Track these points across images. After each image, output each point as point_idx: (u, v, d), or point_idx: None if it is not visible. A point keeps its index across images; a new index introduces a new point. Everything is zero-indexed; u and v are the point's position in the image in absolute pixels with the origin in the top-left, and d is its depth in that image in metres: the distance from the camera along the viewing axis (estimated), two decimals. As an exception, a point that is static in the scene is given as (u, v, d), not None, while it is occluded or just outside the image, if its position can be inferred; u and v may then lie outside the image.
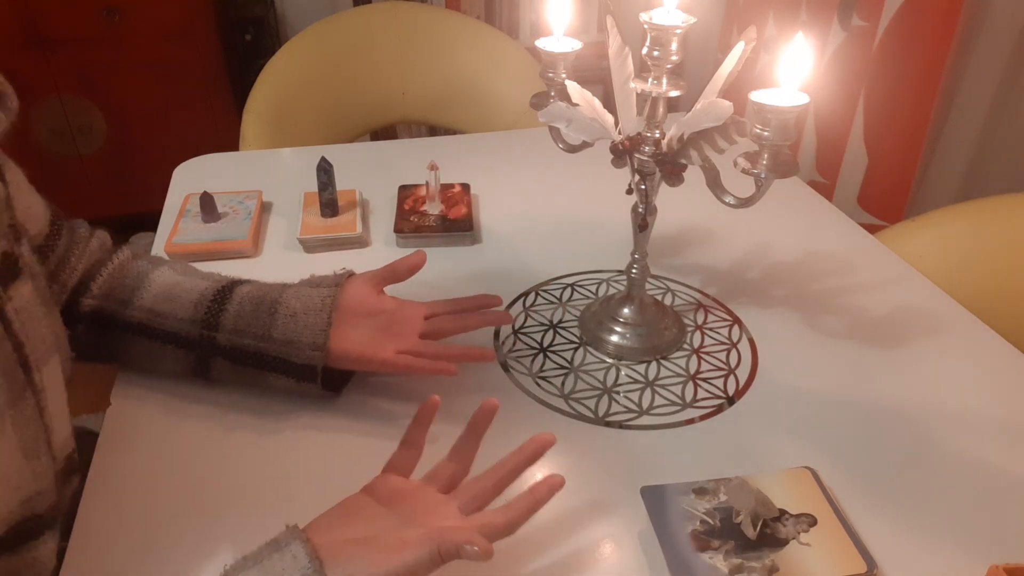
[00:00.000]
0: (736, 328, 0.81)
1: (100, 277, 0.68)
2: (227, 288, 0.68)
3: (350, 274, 0.71)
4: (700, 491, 0.59)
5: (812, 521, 0.57)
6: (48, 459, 0.52)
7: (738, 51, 0.62)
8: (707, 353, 0.78)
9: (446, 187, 1.02)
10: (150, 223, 1.03)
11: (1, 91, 0.48)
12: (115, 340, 0.68)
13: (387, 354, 0.67)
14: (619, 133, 0.68)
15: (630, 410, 0.70)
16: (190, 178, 1.08)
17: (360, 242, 0.94)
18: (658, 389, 0.73)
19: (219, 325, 0.66)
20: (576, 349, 0.78)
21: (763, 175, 0.62)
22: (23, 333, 0.49)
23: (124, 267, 0.70)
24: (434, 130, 1.65)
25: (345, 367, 0.68)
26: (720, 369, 0.76)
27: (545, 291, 0.86)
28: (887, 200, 1.64)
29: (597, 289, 0.87)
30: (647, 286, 0.80)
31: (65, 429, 0.55)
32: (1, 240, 0.49)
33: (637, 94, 0.66)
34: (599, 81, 1.93)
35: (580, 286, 0.87)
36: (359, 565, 0.46)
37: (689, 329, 0.81)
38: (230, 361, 0.66)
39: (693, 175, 0.68)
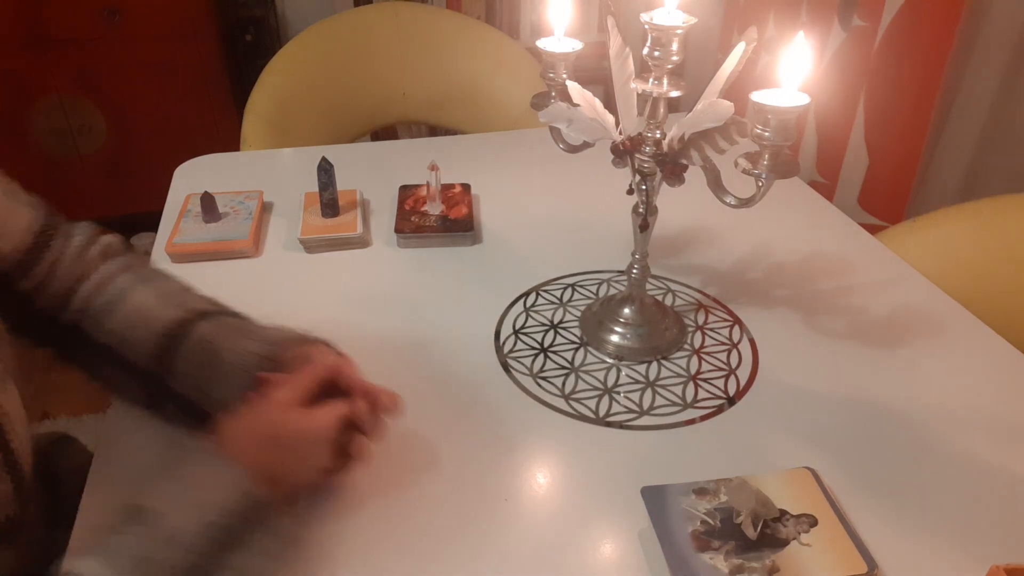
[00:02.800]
0: (736, 328, 0.81)
1: (82, 290, 0.64)
2: (186, 324, 0.62)
3: (305, 339, 0.63)
4: (700, 491, 0.59)
5: (812, 521, 0.57)
6: (7, 479, 0.52)
7: (739, 51, 0.62)
8: (708, 353, 0.78)
9: (447, 187, 1.02)
10: (150, 223, 1.03)
11: None
12: (90, 359, 0.65)
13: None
14: (620, 133, 0.68)
15: (631, 410, 0.70)
16: (191, 178, 1.08)
17: (361, 242, 0.94)
18: (659, 389, 0.73)
19: (172, 367, 0.61)
20: (577, 349, 0.78)
21: (764, 175, 0.62)
22: None
23: (107, 282, 0.65)
24: (434, 130, 1.65)
25: None
26: (720, 369, 0.76)
27: (545, 291, 0.86)
28: (887, 200, 1.64)
29: (598, 289, 0.87)
30: (648, 286, 0.80)
31: (27, 448, 0.55)
32: None
33: (638, 94, 0.66)
34: (600, 81, 1.93)
35: (581, 286, 0.87)
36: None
37: (690, 329, 0.81)
38: (180, 409, 0.62)
39: (694, 175, 0.68)
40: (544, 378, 0.74)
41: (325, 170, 0.93)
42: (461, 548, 0.57)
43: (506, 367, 0.75)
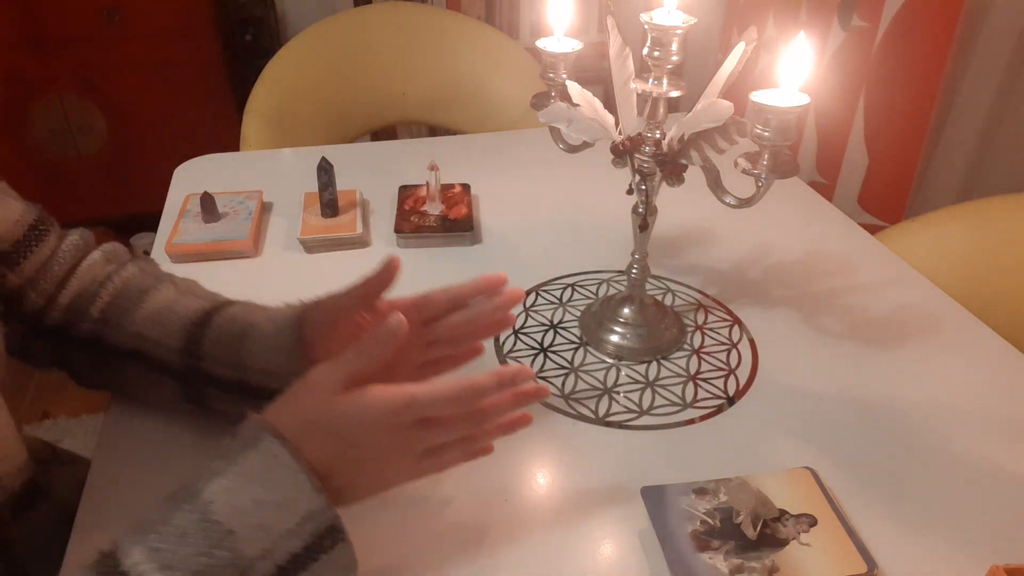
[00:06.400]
0: (736, 328, 0.81)
1: (100, 299, 0.62)
2: (212, 311, 0.60)
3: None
4: (700, 491, 0.59)
5: (812, 521, 0.57)
6: None
7: (738, 51, 0.62)
8: (707, 353, 0.78)
9: (446, 187, 1.02)
10: (150, 223, 1.03)
11: None
12: (110, 367, 0.62)
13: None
14: (619, 133, 0.68)
15: (630, 410, 0.70)
16: (191, 178, 1.08)
17: (360, 242, 0.94)
18: (658, 389, 0.73)
19: (201, 352, 0.58)
20: (576, 349, 0.78)
21: (763, 175, 0.62)
22: None
23: (126, 286, 0.63)
24: (434, 130, 1.65)
25: None
26: (720, 369, 0.76)
27: (545, 291, 0.86)
28: (887, 200, 1.64)
29: (597, 289, 0.87)
30: (647, 286, 0.80)
31: (10, 449, 0.54)
32: None
33: (638, 94, 0.66)
34: (600, 81, 1.93)
35: (580, 286, 0.87)
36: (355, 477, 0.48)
37: (689, 329, 0.81)
38: (220, 390, 0.59)
39: (693, 175, 0.68)
40: (544, 378, 0.74)
41: (325, 170, 0.93)
42: (461, 548, 0.57)
43: (506, 367, 0.75)
